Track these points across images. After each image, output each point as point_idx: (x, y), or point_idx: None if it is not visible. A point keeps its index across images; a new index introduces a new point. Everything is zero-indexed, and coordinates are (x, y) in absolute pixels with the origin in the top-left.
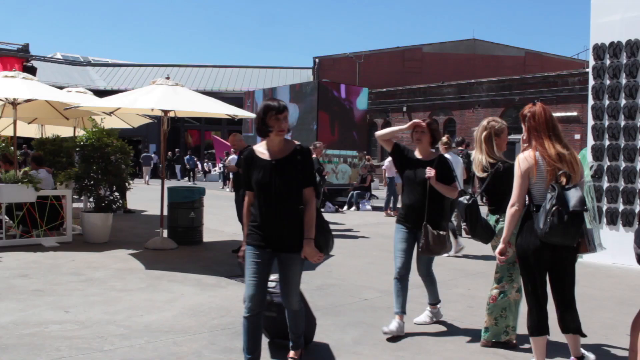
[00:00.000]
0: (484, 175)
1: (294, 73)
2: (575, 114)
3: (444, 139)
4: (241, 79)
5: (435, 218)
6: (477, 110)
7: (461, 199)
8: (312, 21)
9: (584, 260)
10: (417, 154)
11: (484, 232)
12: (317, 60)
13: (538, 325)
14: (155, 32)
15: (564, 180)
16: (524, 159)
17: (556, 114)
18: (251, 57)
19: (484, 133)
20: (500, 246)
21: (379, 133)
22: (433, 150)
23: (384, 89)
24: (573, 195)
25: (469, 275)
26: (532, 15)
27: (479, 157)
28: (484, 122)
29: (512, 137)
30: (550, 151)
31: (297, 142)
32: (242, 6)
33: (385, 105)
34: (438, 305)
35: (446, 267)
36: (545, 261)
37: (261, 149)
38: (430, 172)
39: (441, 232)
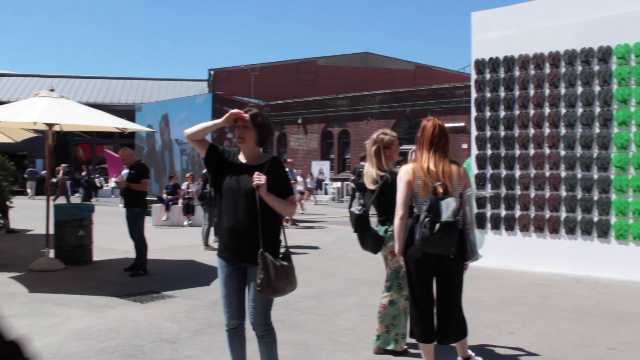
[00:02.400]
0: (375, 187)
1: (189, 85)
2: (462, 124)
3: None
4: (134, 91)
5: (272, 243)
6: (370, 121)
7: (352, 209)
8: (208, 33)
9: (471, 264)
10: (241, 157)
11: (373, 243)
12: (212, 72)
13: (427, 333)
14: (38, 41)
15: (440, 191)
16: (404, 172)
17: (445, 125)
18: (143, 69)
19: (374, 147)
20: (397, 253)
21: (188, 131)
22: (262, 151)
23: (279, 101)
24: (447, 207)
25: (364, 284)
26: (422, 30)
27: (370, 170)
28: (374, 136)
29: (405, 147)
30: (427, 165)
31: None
32: (133, 17)
33: (281, 118)
34: None
35: (342, 277)
36: (430, 270)
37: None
38: (259, 178)
39: (284, 263)
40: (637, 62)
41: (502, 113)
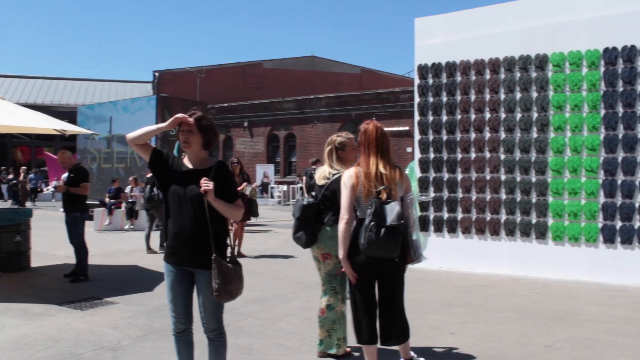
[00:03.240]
0: (324, 182)
1: (133, 87)
2: (407, 128)
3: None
4: (75, 92)
5: (221, 247)
6: (316, 125)
7: (301, 199)
8: (153, 34)
9: (414, 266)
10: (187, 162)
11: (306, 237)
12: (157, 74)
13: (369, 335)
14: None
15: (384, 195)
16: (348, 176)
17: (390, 129)
18: (84, 69)
19: (328, 148)
20: (341, 257)
21: (130, 136)
22: (208, 155)
23: (225, 104)
24: (391, 210)
25: (308, 288)
26: (367, 35)
27: (323, 168)
28: (330, 138)
29: None
30: (372, 169)
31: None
32: (74, 15)
33: (227, 121)
34: None
35: (286, 281)
36: (373, 273)
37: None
38: (207, 184)
39: (237, 266)
40: (571, 70)
41: (445, 117)
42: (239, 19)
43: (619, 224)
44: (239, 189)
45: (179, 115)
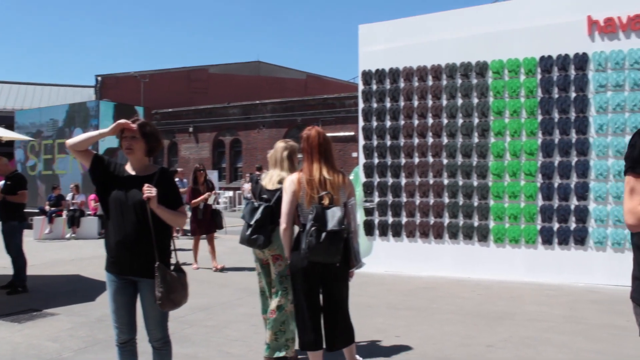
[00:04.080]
0: (279, 186)
1: (75, 91)
2: (352, 133)
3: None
4: (13, 96)
5: (164, 255)
6: (262, 130)
7: (253, 203)
8: (95, 38)
9: (360, 271)
10: (129, 168)
11: (264, 239)
12: (99, 78)
13: (314, 341)
14: None
15: (326, 201)
16: (290, 181)
17: (335, 134)
18: (23, 72)
19: (285, 152)
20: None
21: (70, 142)
22: (151, 162)
23: (170, 110)
24: (332, 216)
25: (255, 294)
26: (313, 40)
27: (278, 172)
28: (282, 143)
29: (298, 156)
30: (315, 174)
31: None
32: (12, 17)
33: (172, 126)
34: None
35: (232, 287)
36: (316, 278)
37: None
38: (150, 191)
39: (180, 274)
40: (510, 77)
41: (388, 123)
42: (184, 23)
43: (556, 225)
44: (201, 198)
45: (122, 121)
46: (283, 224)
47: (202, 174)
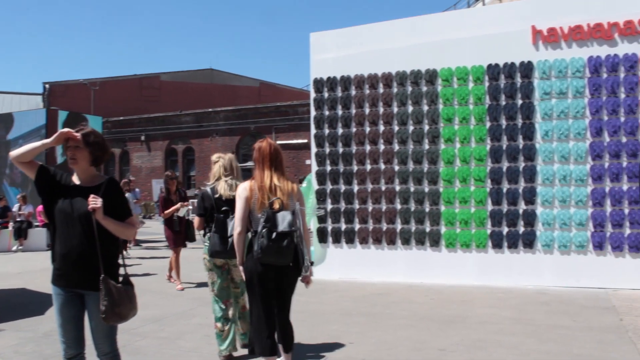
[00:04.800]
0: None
1: (21, 99)
2: (305, 141)
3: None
4: None
5: (112, 268)
6: (215, 138)
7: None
8: (42, 44)
9: (315, 278)
10: (75, 179)
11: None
12: (47, 86)
13: (271, 346)
14: None
15: (277, 206)
16: (243, 189)
17: (288, 142)
18: None
19: (236, 162)
20: (238, 263)
21: (14, 153)
22: (98, 172)
23: (121, 118)
24: (283, 219)
25: (208, 304)
26: (266, 48)
27: (235, 181)
28: (230, 154)
29: (251, 164)
30: (266, 181)
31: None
32: None
33: (123, 135)
34: None
35: (185, 298)
36: (271, 282)
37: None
38: (95, 201)
39: (126, 287)
40: (459, 85)
41: (340, 130)
42: (134, 30)
43: (505, 229)
44: (173, 209)
45: (65, 130)
46: (238, 228)
47: (174, 183)
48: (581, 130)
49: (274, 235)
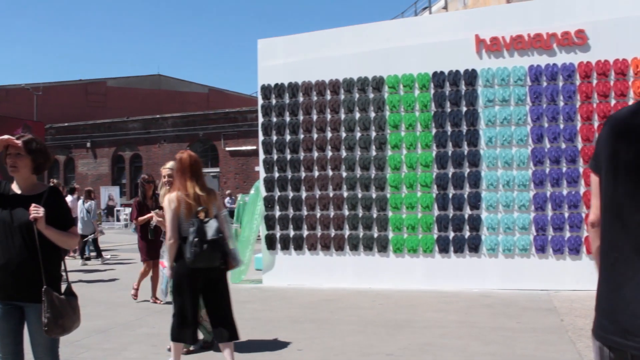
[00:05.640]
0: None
1: None
2: (254, 147)
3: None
4: None
5: (54, 279)
6: (163, 145)
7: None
8: None
9: (263, 285)
10: (15, 187)
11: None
12: None
13: (192, 335)
14: None
15: (202, 215)
16: (169, 200)
17: (237, 148)
18: None
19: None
20: (168, 271)
21: None
22: (39, 181)
23: (66, 124)
24: (210, 227)
25: (155, 313)
26: (215, 54)
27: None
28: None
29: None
30: (190, 191)
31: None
32: None
33: (68, 141)
34: None
35: (132, 307)
36: (199, 283)
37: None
38: (37, 211)
39: (69, 298)
40: (405, 92)
41: (288, 137)
42: (80, 33)
43: (451, 234)
44: (147, 216)
45: (4, 137)
46: (172, 239)
47: (151, 187)
48: (523, 137)
49: (204, 244)
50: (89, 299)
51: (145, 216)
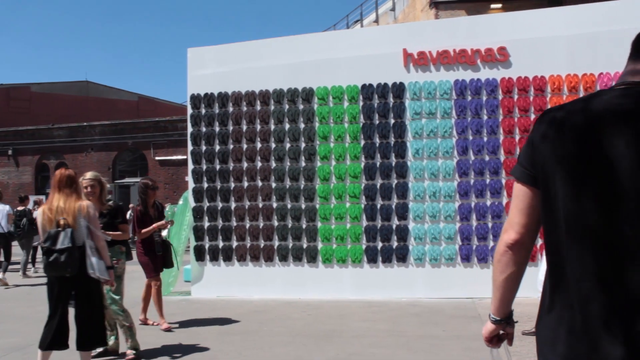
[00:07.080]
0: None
1: None
2: (184, 157)
3: None
4: None
5: None
6: (91, 153)
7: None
8: None
9: (192, 297)
10: None
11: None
12: None
13: (60, 342)
14: None
15: (62, 224)
16: (39, 213)
17: (167, 157)
18: None
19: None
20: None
21: None
22: None
23: None
24: (65, 236)
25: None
26: (145, 62)
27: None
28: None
29: (127, 180)
30: (54, 204)
31: None
32: None
33: None
34: None
35: None
36: (67, 290)
37: None
38: None
39: None
40: (334, 104)
41: (217, 147)
42: (2, 35)
43: (380, 244)
44: (153, 227)
45: None
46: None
47: (154, 194)
48: (449, 149)
49: (52, 254)
50: (7, 315)
51: (150, 228)
